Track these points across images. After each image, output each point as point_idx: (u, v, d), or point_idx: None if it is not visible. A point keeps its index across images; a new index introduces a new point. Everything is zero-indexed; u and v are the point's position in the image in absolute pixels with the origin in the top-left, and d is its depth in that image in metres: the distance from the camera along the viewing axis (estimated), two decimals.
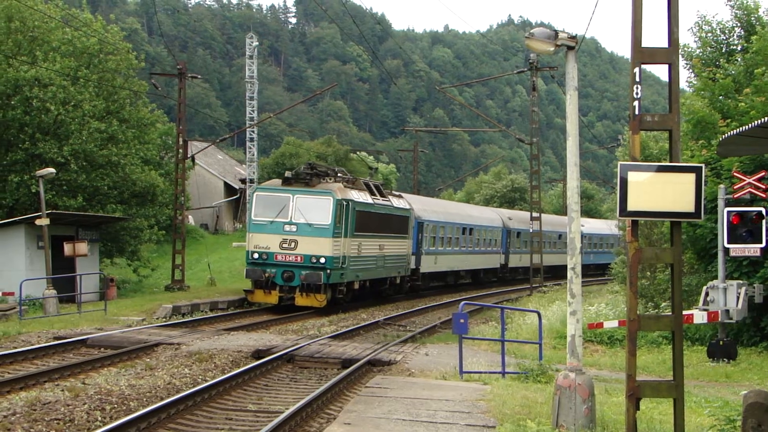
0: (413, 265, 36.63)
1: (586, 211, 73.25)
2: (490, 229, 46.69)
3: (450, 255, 41.31)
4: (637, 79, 8.58)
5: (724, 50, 25.75)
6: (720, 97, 23.20)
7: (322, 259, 27.52)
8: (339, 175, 30.53)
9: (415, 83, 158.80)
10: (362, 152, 71.30)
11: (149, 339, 19.33)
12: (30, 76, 31.57)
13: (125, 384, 14.03)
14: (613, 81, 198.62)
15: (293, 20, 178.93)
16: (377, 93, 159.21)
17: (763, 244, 17.24)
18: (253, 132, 64.20)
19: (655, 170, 8.91)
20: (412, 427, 10.45)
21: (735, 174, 18.42)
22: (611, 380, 15.60)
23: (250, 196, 30.22)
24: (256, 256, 27.91)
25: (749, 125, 12.74)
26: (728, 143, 13.99)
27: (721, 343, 18.40)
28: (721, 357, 18.28)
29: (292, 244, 27.71)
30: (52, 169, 27.92)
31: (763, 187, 17.57)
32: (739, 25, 25.76)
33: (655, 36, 9.14)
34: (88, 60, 34.25)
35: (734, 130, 13.66)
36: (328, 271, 27.58)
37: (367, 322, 25.99)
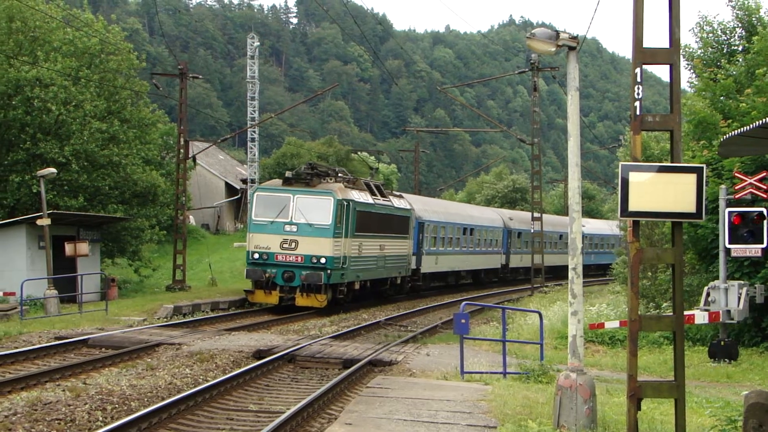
0: (414, 266, 36.61)
1: (588, 212, 73.22)
2: (491, 230, 46.67)
3: (451, 255, 41.30)
4: (639, 80, 8.59)
5: (725, 51, 25.74)
6: (721, 98, 23.18)
7: (323, 260, 27.51)
8: (339, 175, 30.50)
9: (416, 83, 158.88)
10: (363, 152, 71.23)
11: (150, 339, 19.34)
12: (31, 76, 31.60)
13: (126, 384, 14.03)
14: (615, 81, 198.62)
15: (294, 20, 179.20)
16: (378, 93, 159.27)
17: (765, 245, 17.23)
18: (254, 132, 64.21)
19: (657, 171, 8.91)
20: (413, 428, 10.44)
21: (736, 174, 18.41)
22: (612, 380, 15.60)
23: (250, 196, 30.19)
24: (256, 256, 27.90)
25: (750, 126, 12.73)
26: (729, 144, 13.98)
27: (722, 343, 18.40)
28: (722, 357, 18.27)
29: (293, 244, 27.69)
30: (53, 169, 27.94)
31: (765, 187, 17.55)
32: (740, 25, 25.76)
33: (656, 36, 9.14)
34: (90, 60, 34.28)
35: (735, 131, 13.65)
36: (329, 271, 27.56)
37: (368, 323, 25.98)
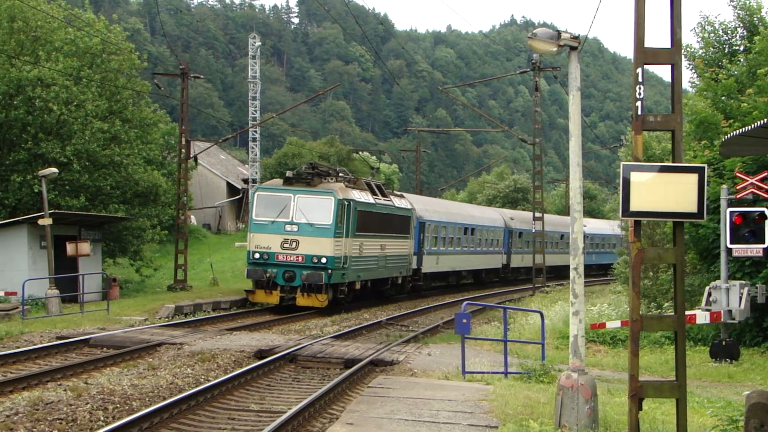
0: (415, 265, 36.59)
1: (589, 212, 73.22)
2: (492, 229, 46.66)
3: (452, 255, 41.29)
4: (640, 80, 8.58)
5: (726, 51, 25.72)
6: (722, 98, 23.17)
7: (324, 259, 27.48)
8: (340, 174, 30.48)
9: (417, 83, 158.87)
10: (364, 152, 71.23)
11: (152, 339, 19.35)
12: (33, 76, 31.61)
13: (128, 384, 14.04)
14: (616, 81, 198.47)
15: (296, 20, 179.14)
16: (380, 93, 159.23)
17: (766, 245, 17.21)
18: (255, 132, 64.19)
19: (658, 170, 8.90)
20: (414, 427, 10.44)
21: (738, 174, 18.40)
22: (614, 380, 15.60)
23: (251, 195, 30.19)
24: (257, 256, 27.87)
25: (752, 126, 12.73)
26: (731, 144, 13.99)
27: (723, 343, 18.40)
28: (723, 357, 18.27)
29: (294, 244, 27.67)
30: (54, 169, 27.95)
31: (766, 187, 17.54)
32: (741, 25, 25.73)
33: (657, 36, 9.15)
34: (91, 60, 34.28)
35: (737, 131, 13.65)
36: (330, 271, 27.53)
37: (369, 322, 25.97)
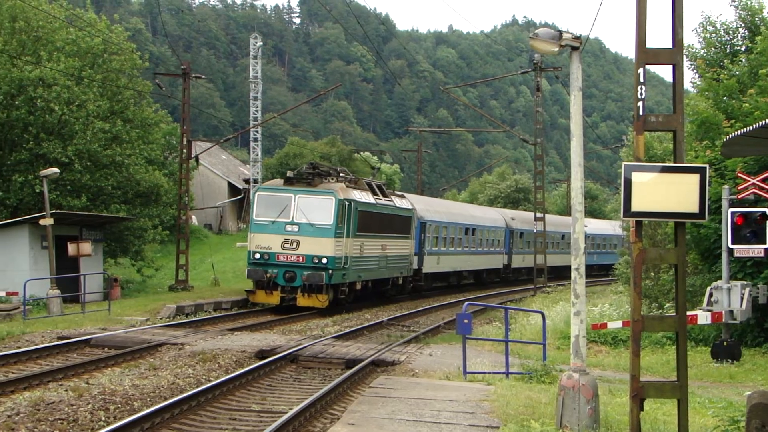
0: (416, 266, 36.57)
1: (590, 212, 73.22)
2: (493, 230, 46.64)
3: (453, 255, 41.28)
4: (642, 80, 8.57)
5: (728, 51, 25.70)
6: (724, 98, 23.15)
7: (324, 260, 27.45)
8: (341, 174, 30.45)
9: (419, 83, 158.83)
10: (366, 152, 71.27)
11: (153, 339, 19.35)
12: (34, 76, 31.62)
13: (129, 384, 14.04)
14: (617, 81, 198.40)
15: (297, 20, 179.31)
16: (381, 93, 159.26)
17: (767, 245, 17.20)
18: (257, 132, 64.18)
19: (660, 171, 8.90)
20: (415, 428, 10.44)
21: (739, 175, 18.39)
22: (615, 381, 15.59)
23: (252, 196, 30.17)
24: (257, 256, 27.83)
25: (753, 126, 12.72)
26: (732, 144, 13.98)
27: (725, 343, 18.39)
28: (724, 358, 18.26)
29: (294, 244, 27.64)
30: (56, 169, 27.97)
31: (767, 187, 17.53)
32: (743, 25, 25.71)
33: (659, 36, 9.16)
34: (93, 60, 34.31)
35: (738, 131, 13.65)
36: (330, 271, 27.50)
37: (370, 323, 25.97)
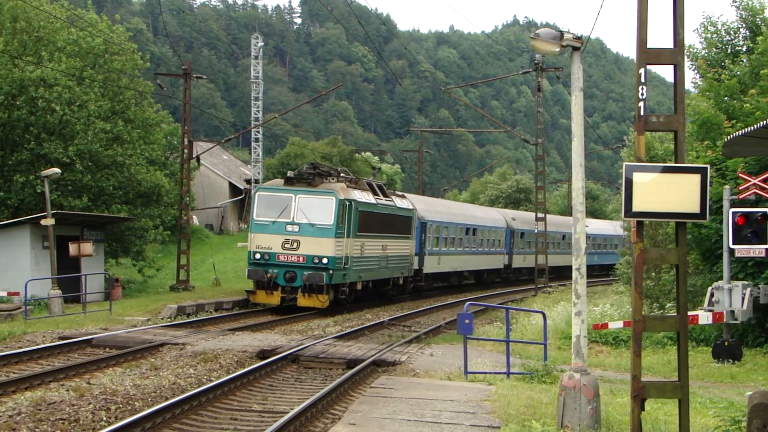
0: (416, 266, 36.54)
1: (591, 212, 73.22)
2: (494, 230, 46.64)
3: (453, 255, 41.27)
4: (643, 80, 8.57)
5: (729, 51, 25.70)
6: (725, 98, 23.16)
7: (325, 260, 27.42)
8: (342, 174, 30.43)
9: (420, 84, 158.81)
10: (367, 153, 71.26)
11: (154, 339, 19.35)
12: (35, 76, 31.64)
13: (130, 384, 14.05)
14: (619, 81, 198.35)
15: (298, 20, 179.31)
16: (382, 93, 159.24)
17: None
18: (258, 132, 64.21)
19: (661, 171, 8.90)
20: (417, 428, 10.44)
21: (740, 175, 18.39)
22: (616, 381, 15.59)
23: (252, 196, 30.16)
24: (258, 256, 27.80)
25: (754, 126, 12.74)
26: (733, 144, 13.99)
27: (726, 343, 18.39)
28: (726, 358, 18.26)
29: (295, 244, 27.61)
30: (57, 170, 27.99)
31: None
32: (744, 26, 25.71)
33: (660, 37, 9.16)
34: (94, 60, 34.32)
35: (739, 131, 13.66)
36: (331, 271, 27.48)
37: (371, 323, 25.97)
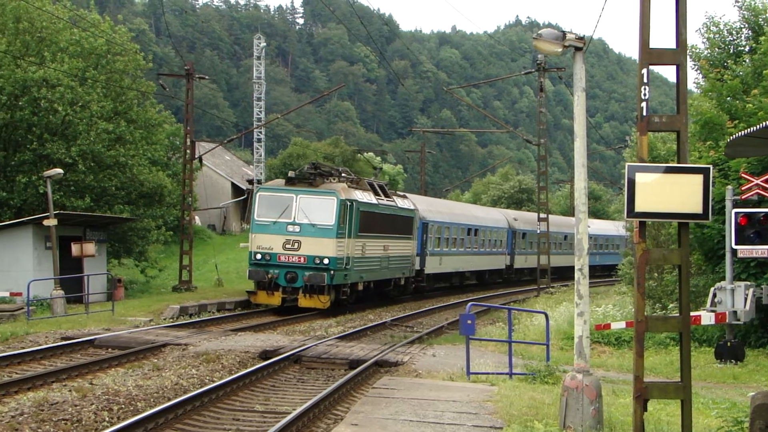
0: (418, 266, 36.47)
1: (594, 212, 73.14)
2: (496, 230, 46.62)
3: (455, 256, 41.24)
4: (645, 81, 8.57)
5: (731, 51, 25.69)
6: (728, 98, 23.15)
7: (326, 260, 27.37)
8: (343, 175, 30.41)
9: (422, 84, 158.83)
10: (369, 153, 71.25)
11: (157, 339, 19.37)
12: (38, 76, 31.65)
13: (133, 384, 14.06)
14: (621, 82, 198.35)
15: (301, 21, 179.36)
16: (384, 94, 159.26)
17: None
18: (260, 133, 64.25)
19: (663, 171, 8.90)
20: (419, 428, 10.45)
21: (743, 175, 18.38)
22: (618, 381, 15.58)
23: (253, 196, 30.15)
24: (258, 256, 27.74)
25: (757, 126, 12.73)
26: (736, 144, 13.98)
27: (728, 344, 18.38)
28: (728, 358, 18.25)
29: (296, 244, 27.57)
30: (59, 170, 28.01)
31: None
32: (746, 26, 25.70)
33: (662, 37, 9.13)
34: (96, 61, 34.33)
35: (742, 132, 13.65)
36: (332, 272, 27.43)
37: (374, 323, 25.96)
